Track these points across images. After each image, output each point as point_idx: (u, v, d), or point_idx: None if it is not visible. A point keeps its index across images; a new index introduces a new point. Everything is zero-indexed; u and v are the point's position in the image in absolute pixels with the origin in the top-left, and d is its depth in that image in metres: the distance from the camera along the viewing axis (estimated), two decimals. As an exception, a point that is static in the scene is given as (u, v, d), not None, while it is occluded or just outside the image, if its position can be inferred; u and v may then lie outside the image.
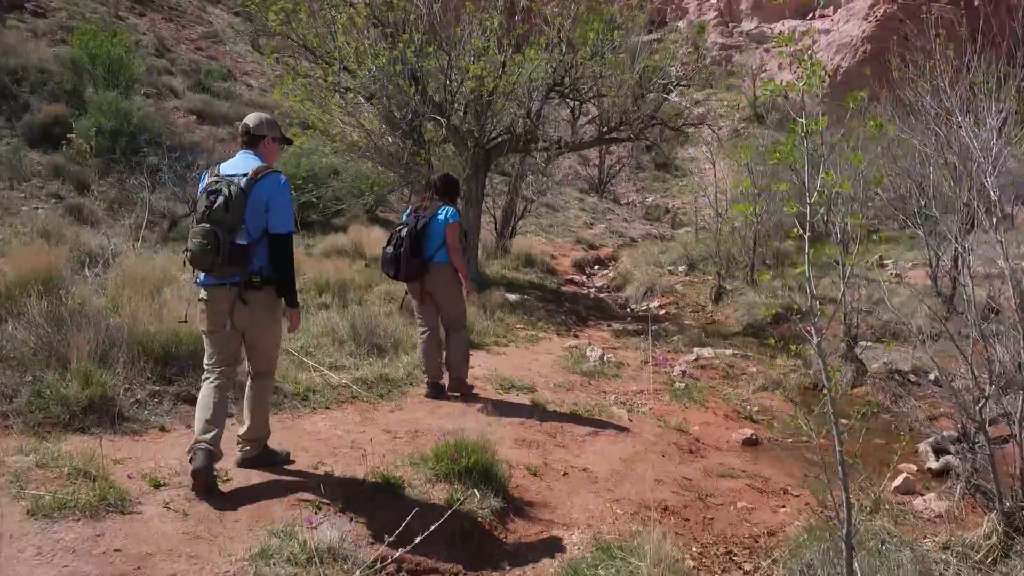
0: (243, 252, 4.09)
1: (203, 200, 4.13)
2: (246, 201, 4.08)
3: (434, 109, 11.74)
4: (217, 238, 3.98)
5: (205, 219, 4.06)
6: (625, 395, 7.71)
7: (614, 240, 25.59)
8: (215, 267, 4.06)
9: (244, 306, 4.15)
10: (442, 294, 6.37)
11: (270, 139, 4.41)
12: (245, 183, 4.11)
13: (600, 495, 4.78)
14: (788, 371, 9.79)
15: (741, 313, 14.01)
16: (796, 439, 6.74)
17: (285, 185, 4.23)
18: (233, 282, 4.13)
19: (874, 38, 43.65)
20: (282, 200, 4.18)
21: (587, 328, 11.66)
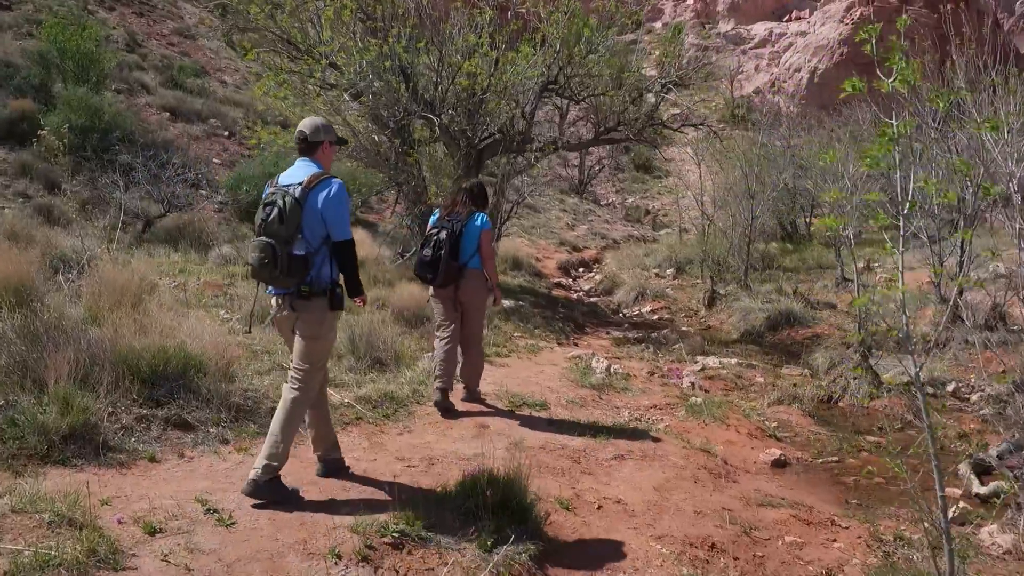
0: (302, 262, 4.03)
1: (259, 213, 4.13)
2: (301, 210, 4.04)
3: (425, 107, 11.27)
4: (274, 251, 3.97)
5: (261, 232, 4.07)
6: (638, 410, 7.29)
7: (597, 242, 25.25)
8: (274, 279, 4.05)
9: (292, 313, 4.16)
10: (472, 302, 6.27)
11: (327, 144, 4.34)
12: (299, 192, 4.06)
13: (640, 532, 4.35)
14: (797, 382, 9.45)
15: (737, 319, 13.67)
16: (826, 460, 6.37)
17: (340, 190, 4.16)
18: (291, 292, 4.13)
19: (850, 41, 43.78)
20: (337, 206, 4.11)
21: (586, 336, 11.25)
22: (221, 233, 13.17)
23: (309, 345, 4.22)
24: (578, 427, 6.09)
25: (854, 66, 43.09)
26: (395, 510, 3.95)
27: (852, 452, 6.59)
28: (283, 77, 11.77)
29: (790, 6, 50.87)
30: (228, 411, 5.17)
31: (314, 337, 4.22)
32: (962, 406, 8.35)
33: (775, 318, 12.92)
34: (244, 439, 4.93)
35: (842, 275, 16.79)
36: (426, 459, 4.97)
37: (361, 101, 11.47)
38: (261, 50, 12.97)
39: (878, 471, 6.16)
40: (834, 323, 13.04)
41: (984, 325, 11.02)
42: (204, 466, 4.47)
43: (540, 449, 5.38)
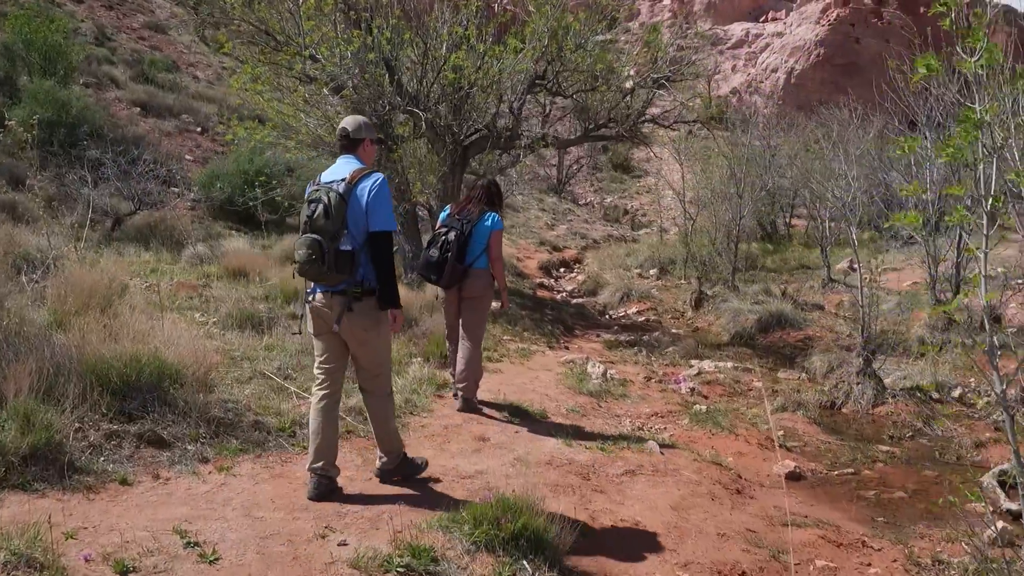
0: (349, 258, 4.02)
1: (304, 210, 4.12)
2: (346, 206, 4.03)
3: (409, 102, 10.84)
4: (321, 247, 3.96)
5: (308, 229, 4.05)
6: (640, 419, 6.94)
7: (577, 241, 24.96)
8: (322, 276, 4.03)
9: (351, 314, 4.10)
10: (475, 303, 6.06)
11: (369, 141, 4.34)
12: (344, 188, 4.06)
13: (665, 560, 3.97)
14: (799, 387, 9.16)
15: (726, 320, 13.38)
16: (841, 472, 6.04)
17: (383, 183, 4.14)
18: (340, 290, 4.09)
19: (826, 42, 43.87)
20: (380, 198, 4.09)
21: (576, 339, 10.89)
22: (194, 231, 12.66)
23: (369, 348, 4.24)
24: (582, 439, 5.70)
25: (831, 66, 43.28)
26: (397, 539, 3.54)
27: (867, 463, 6.28)
28: (260, 70, 11.29)
29: (766, 7, 50.86)
30: (207, 425, 4.73)
31: (371, 339, 4.22)
32: (969, 412, 8.09)
33: (766, 320, 12.65)
34: (225, 457, 4.49)
35: (828, 276, 16.60)
36: (425, 476, 4.57)
37: (343, 95, 11.00)
38: (237, 41, 12.48)
39: (897, 484, 5.86)
40: (825, 325, 12.80)
41: (981, 327, 10.82)
42: (182, 489, 4.04)
43: (547, 465, 4.99)
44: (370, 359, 4.27)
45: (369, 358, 4.27)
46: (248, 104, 12.86)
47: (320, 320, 4.23)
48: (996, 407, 8.03)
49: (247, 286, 9.74)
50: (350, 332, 4.16)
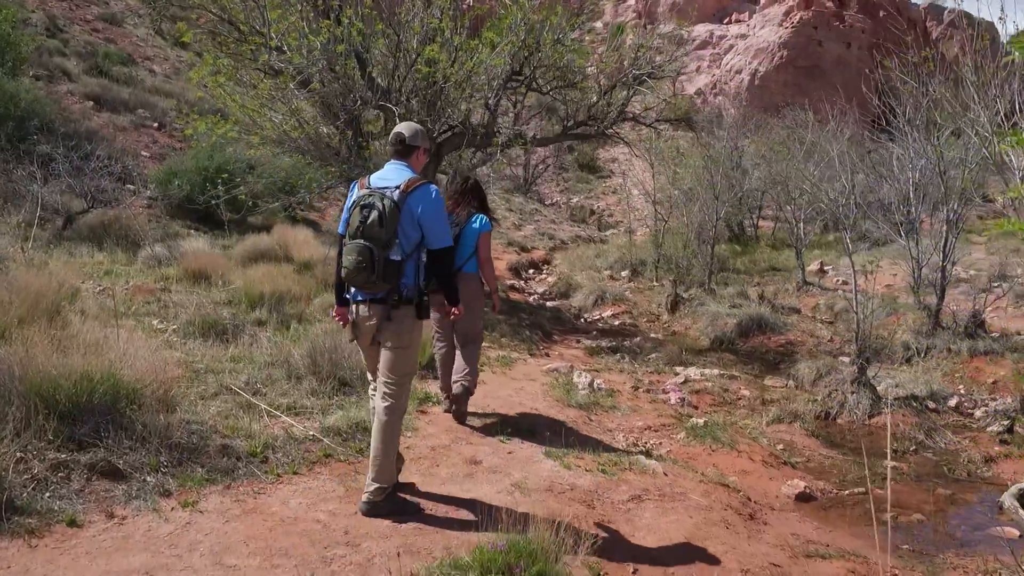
0: (397, 267, 3.98)
1: (356, 215, 3.99)
2: (399, 215, 3.96)
3: (381, 96, 10.33)
4: (372, 255, 3.89)
5: (359, 235, 3.94)
6: (633, 433, 6.54)
7: (545, 242, 24.63)
8: (370, 284, 3.96)
9: (389, 323, 4.07)
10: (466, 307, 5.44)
11: (422, 151, 4.29)
12: (398, 196, 3.98)
13: (692, 604, 3.56)
14: (788, 395, 8.85)
15: (705, 324, 13.07)
16: (852, 491, 5.69)
17: (439, 197, 4.10)
18: (380, 298, 4.04)
19: (790, 44, 44.07)
20: (438, 214, 4.07)
21: (556, 345, 10.46)
22: (151, 231, 12.00)
23: (399, 355, 4.14)
24: (580, 458, 5.27)
25: (794, 68, 43.48)
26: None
27: (877, 481, 5.94)
28: (222, 62, 10.71)
29: (730, 8, 50.99)
30: (169, 452, 4.21)
31: (404, 347, 4.14)
32: (966, 422, 7.83)
33: (746, 324, 12.36)
34: (190, 489, 3.98)
35: (803, 278, 16.41)
36: (416, 506, 4.10)
37: (310, 89, 10.46)
38: (198, 31, 11.86)
39: (913, 505, 5.53)
40: (806, 329, 12.56)
41: (965, 332, 10.63)
42: (141, 530, 3.53)
43: (547, 492, 4.55)
44: (396, 367, 4.15)
45: (395, 366, 4.15)
46: (209, 98, 12.25)
47: (362, 330, 4.19)
48: (992, 417, 7.79)
49: (209, 290, 9.18)
50: (385, 338, 4.11)
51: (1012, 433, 7.32)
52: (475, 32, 11.06)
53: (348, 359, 6.13)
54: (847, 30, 45.04)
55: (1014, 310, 12.95)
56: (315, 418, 5.22)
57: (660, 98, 11.70)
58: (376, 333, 4.10)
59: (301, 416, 5.24)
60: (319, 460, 4.64)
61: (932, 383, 8.51)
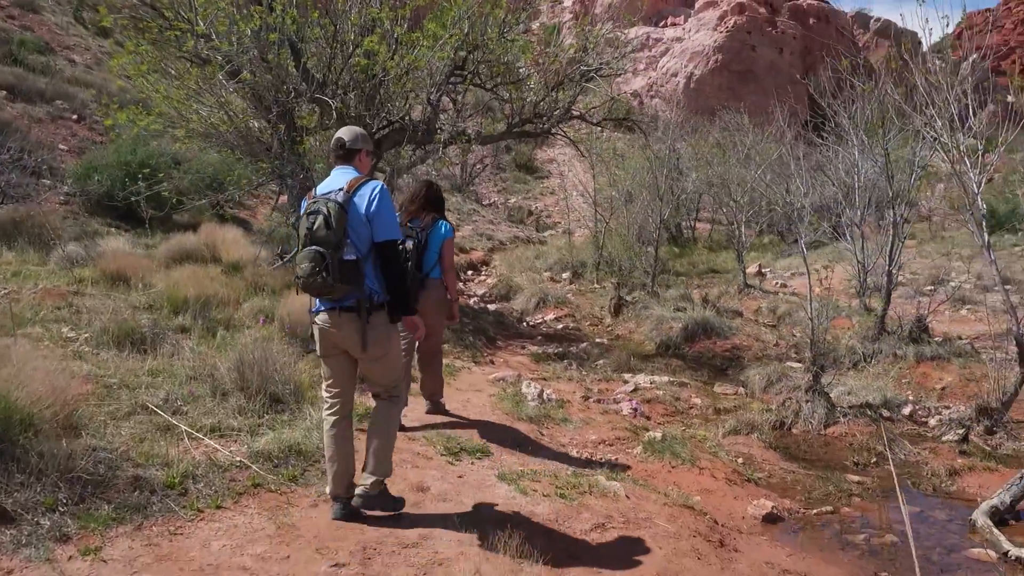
0: (354, 267, 3.86)
1: (303, 224, 3.95)
2: (346, 215, 3.89)
3: (317, 89, 9.76)
4: (324, 258, 3.80)
5: (308, 242, 3.88)
6: (587, 448, 6.16)
7: (483, 243, 24.26)
8: (327, 289, 3.83)
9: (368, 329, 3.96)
10: (430, 314, 5.58)
11: (365, 152, 4.25)
12: (343, 197, 3.93)
13: (671, 655, 3.17)
14: (739, 404, 8.60)
15: (649, 328, 12.82)
16: (820, 510, 5.40)
17: (383, 190, 4.03)
18: (347, 306, 3.93)
19: (724, 48, 44.58)
20: (382, 206, 3.98)
21: (500, 351, 10.04)
22: (67, 229, 11.20)
23: (383, 364, 4.11)
24: (535, 482, 4.86)
25: (728, 72, 44.00)
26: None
27: (842, 497, 5.68)
28: (145, 49, 9.99)
29: (666, 11, 51.40)
30: (70, 487, 3.65)
31: (383, 355, 4.08)
32: (921, 431, 7.67)
33: (692, 329, 12.13)
34: (93, 532, 3.43)
35: (744, 281, 16.34)
36: (359, 549, 3.63)
37: (241, 79, 9.82)
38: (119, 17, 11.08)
39: (884, 524, 5.27)
40: (751, 334, 12.39)
41: (909, 337, 10.57)
42: (30, 587, 2.99)
43: (504, 524, 4.12)
44: (384, 375, 4.16)
45: (383, 375, 4.15)
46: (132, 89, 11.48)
47: (327, 341, 4.07)
48: (947, 426, 7.65)
49: (128, 293, 8.51)
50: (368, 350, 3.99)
51: (967, 442, 7.17)
52: (416, 24, 10.57)
53: (280, 372, 5.61)
54: (779, 36, 45.80)
55: (952, 313, 13.01)
56: (242, 441, 4.69)
57: (608, 95, 11.36)
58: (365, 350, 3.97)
59: (227, 439, 4.71)
60: (246, 491, 4.12)
61: (885, 391, 8.35)
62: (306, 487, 4.28)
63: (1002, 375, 7.35)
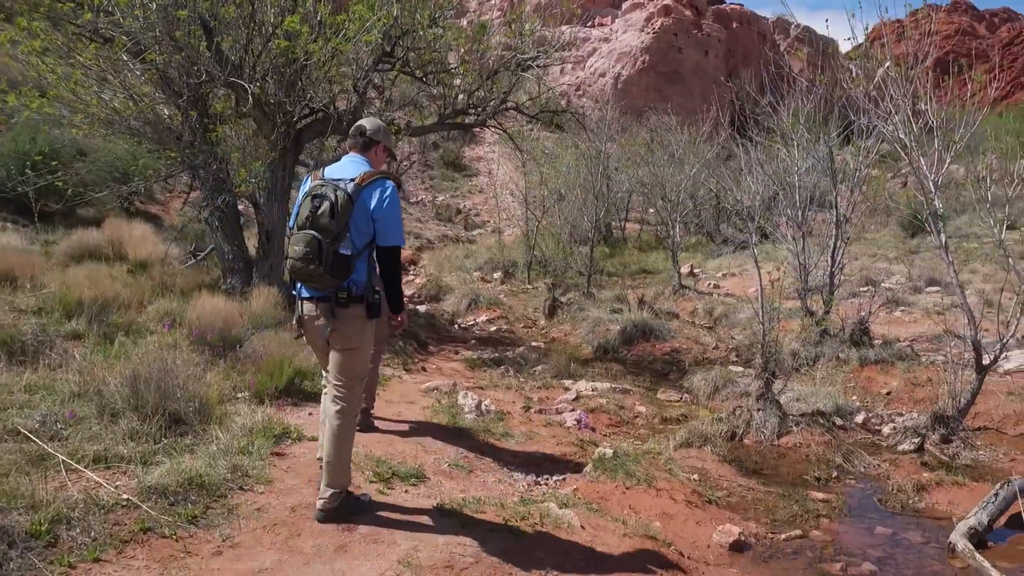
0: (345, 263, 3.81)
1: (307, 205, 3.85)
2: (352, 208, 3.80)
3: (232, 72, 8.94)
4: (320, 246, 3.72)
5: (308, 225, 3.79)
6: (532, 466, 5.59)
7: (411, 241, 23.64)
8: (315, 278, 3.79)
9: (329, 321, 3.90)
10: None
11: (382, 147, 4.19)
12: (352, 188, 3.83)
13: None
14: (687, 412, 8.16)
15: (586, 331, 12.36)
16: (788, 535, 4.94)
17: (395, 193, 3.94)
18: (326, 296, 3.88)
19: (651, 49, 44.78)
20: (392, 210, 3.90)
21: (432, 356, 9.41)
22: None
23: (347, 357, 4.00)
24: (480, 513, 4.25)
25: (655, 73, 44.19)
26: None
27: (810, 519, 5.23)
28: (38, 25, 9.00)
29: (593, 11, 51.44)
30: None
31: (352, 348, 3.98)
32: (875, 439, 7.34)
33: (630, 331, 11.71)
34: None
35: (679, 282, 16.04)
36: None
37: (147, 59, 8.92)
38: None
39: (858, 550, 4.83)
40: (689, 336, 12.04)
41: (851, 340, 10.34)
42: None
43: (446, 569, 3.50)
44: (347, 368, 4.01)
45: (346, 367, 4.01)
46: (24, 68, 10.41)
47: (311, 331, 4.01)
48: (902, 435, 7.33)
49: (13, 294, 7.57)
50: (333, 339, 3.95)
51: (923, 451, 6.87)
52: (342, 6, 9.83)
53: (184, 387, 4.86)
54: (705, 38, 46.24)
55: (887, 315, 12.90)
56: (132, 473, 3.94)
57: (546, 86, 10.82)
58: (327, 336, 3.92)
59: (113, 470, 3.95)
60: (133, 537, 3.40)
61: (836, 397, 8.01)
62: (208, 530, 3.58)
63: (957, 381, 7.08)
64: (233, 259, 10.30)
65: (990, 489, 5.46)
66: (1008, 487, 5.14)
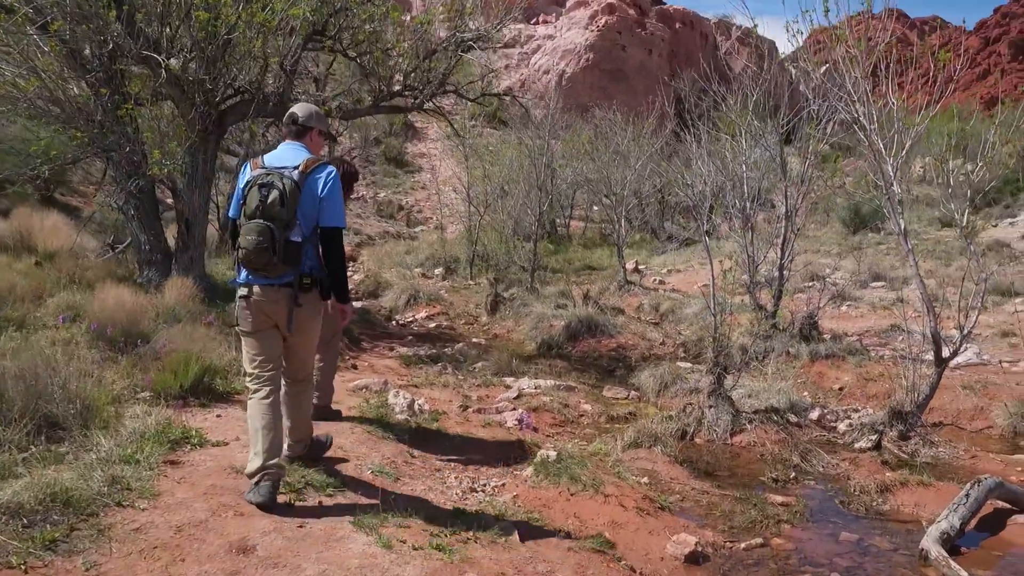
0: (297, 249, 3.89)
1: (254, 194, 3.86)
2: (299, 195, 3.88)
3: (145, 46, 8.22)
4: (273, 235, 3.78)
5: (259, 214, 3.82)
6: (467, 471, 5.06)
7: (351, 238, 23.03)
8: (269, 266, 3.83)
9: (299, 309, 3.98)
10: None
11: (317, 132, 4.21)
12: (298, 176, 3.89)
13: None
14: (634, 410, 7.73)
15: (528, 327, 11.88)
16: (748, 543, 4.49)
17: (337, 177, 4.00)
18: (285, 282, 3.92)
19: (595, 47, 44.70)
20: (334, 193, 3.97)
21: (365, 353, 8.81)
22: None
23: (307, 339, 4.14)
24: (404, 528, 3.69)
25: (599, 71, 44.09)
26: None
27: (770, 525, 4.80)
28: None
29: (537, 8, 51.21)
30: None
31: (310, 330, 4.12)
32: (831, 437, 6.99)
33: (575, 327, 11.26)
34: None
35: (625, 277, 15.69)
36: None
37: (53, 31, 8.14)
38: None
39: (824, 559, 4.40)
40: (636, 331, 11.63)
41: (801, 335, 10.05)
42: None
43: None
44: (306, 349, 4.20)
45: (305, 348, 4.19)
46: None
47: (261, 316, 3.97)
48: (859, 432, 6.99)
49: None
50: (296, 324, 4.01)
51: (881, 449, 6.53)
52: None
53: (65, 387, 4.22)
54: (649, 37, 46.33)
55: (834, 310, 12.70)
56: (-15, 487, 3.31)
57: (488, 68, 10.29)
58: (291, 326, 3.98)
59: (-40, 485, 3.32)
60: (-23, 568, 2.78)
61: (788, 393, 7.65)
62: (69, 557, 2.96)
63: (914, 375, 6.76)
64: (150, 250, 9.56)
65: (957, 489, 5.10)
66: (979, 487, 4.77)
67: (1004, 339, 10.14)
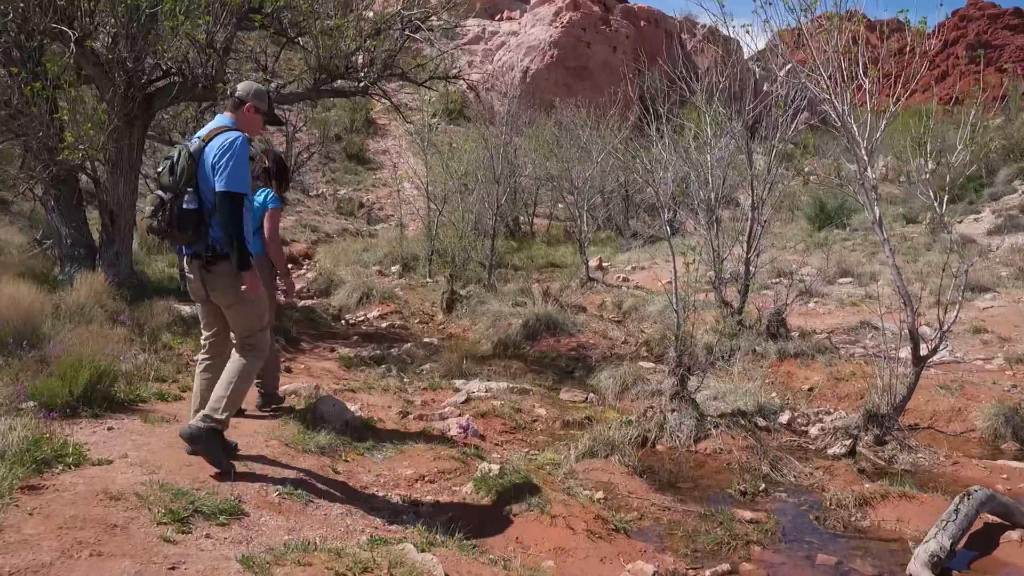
0: (193, 217, 3.86)
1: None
2: (196, 164, 3.87)
3: (58, 18, 7.51)
4: (163, 203, 3.85)
5: (157, 186, 3.97)
6: (399, 489, 4.46)
7: (307, 234, 22.34)
8: (166, 234, 3.92)
9: (209, 278, 4.02)
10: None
11: (251, 107, 4.15)
12: (196, 144, 3.92)
13: None
14: (591, 414, 7.16)
15: (486, 326, 11.29)
16: (715, 571, 3.93)
17: (236, 143, 3.88)
18: (193, 252, 4.00)
19: (560, 44, 44.28)
20: (228, 156, 3.84)
21: (303, 355, 8.15)
22: None
23: (235, 312, 4.10)
24: (305, 563, 3.08)
25: (564, 68, 43.66)
26: None
27: (739, 548, 4.25)
28: None
29: (501, 5, 50.76)
30: None
31: (235, 303, 4.06)
32: (802, 442, 6.49)
33: (533, 325, 10.69)
34: None
35: (587, 274, 15.17)
36: None
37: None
38: None
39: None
40: (597, 330, 11.10)
41: (768, 332, 9.58)
42: None
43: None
44: (239, 323, 4.12)
45: (237, 322, 4.12)
46: None
47: (192, 285, 4.12)
48: (832, 436, 6.50)
49: None
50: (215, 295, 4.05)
51: (856, 455, 6.04)
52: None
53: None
54: (613, 34, 46.00)
55: (801, 307, 12.26)
56: None
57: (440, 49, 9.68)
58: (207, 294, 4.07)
59: None
60: None
61: (756, 395, 7.14)
62: None
63: (890, 375, 6.28)
64: (72, 244, 8.85)
65: (941, 501, 4.62)
66: (969, 501, 4.27)
67: (976, 336, 9.76)
